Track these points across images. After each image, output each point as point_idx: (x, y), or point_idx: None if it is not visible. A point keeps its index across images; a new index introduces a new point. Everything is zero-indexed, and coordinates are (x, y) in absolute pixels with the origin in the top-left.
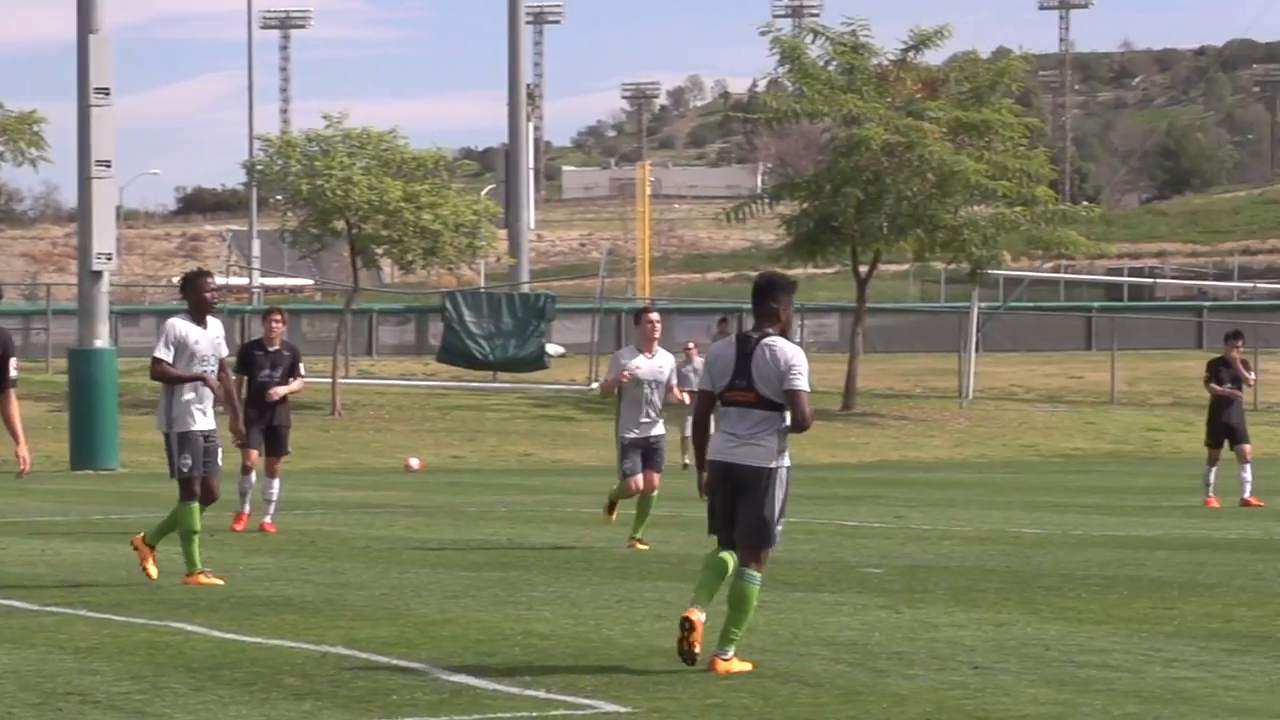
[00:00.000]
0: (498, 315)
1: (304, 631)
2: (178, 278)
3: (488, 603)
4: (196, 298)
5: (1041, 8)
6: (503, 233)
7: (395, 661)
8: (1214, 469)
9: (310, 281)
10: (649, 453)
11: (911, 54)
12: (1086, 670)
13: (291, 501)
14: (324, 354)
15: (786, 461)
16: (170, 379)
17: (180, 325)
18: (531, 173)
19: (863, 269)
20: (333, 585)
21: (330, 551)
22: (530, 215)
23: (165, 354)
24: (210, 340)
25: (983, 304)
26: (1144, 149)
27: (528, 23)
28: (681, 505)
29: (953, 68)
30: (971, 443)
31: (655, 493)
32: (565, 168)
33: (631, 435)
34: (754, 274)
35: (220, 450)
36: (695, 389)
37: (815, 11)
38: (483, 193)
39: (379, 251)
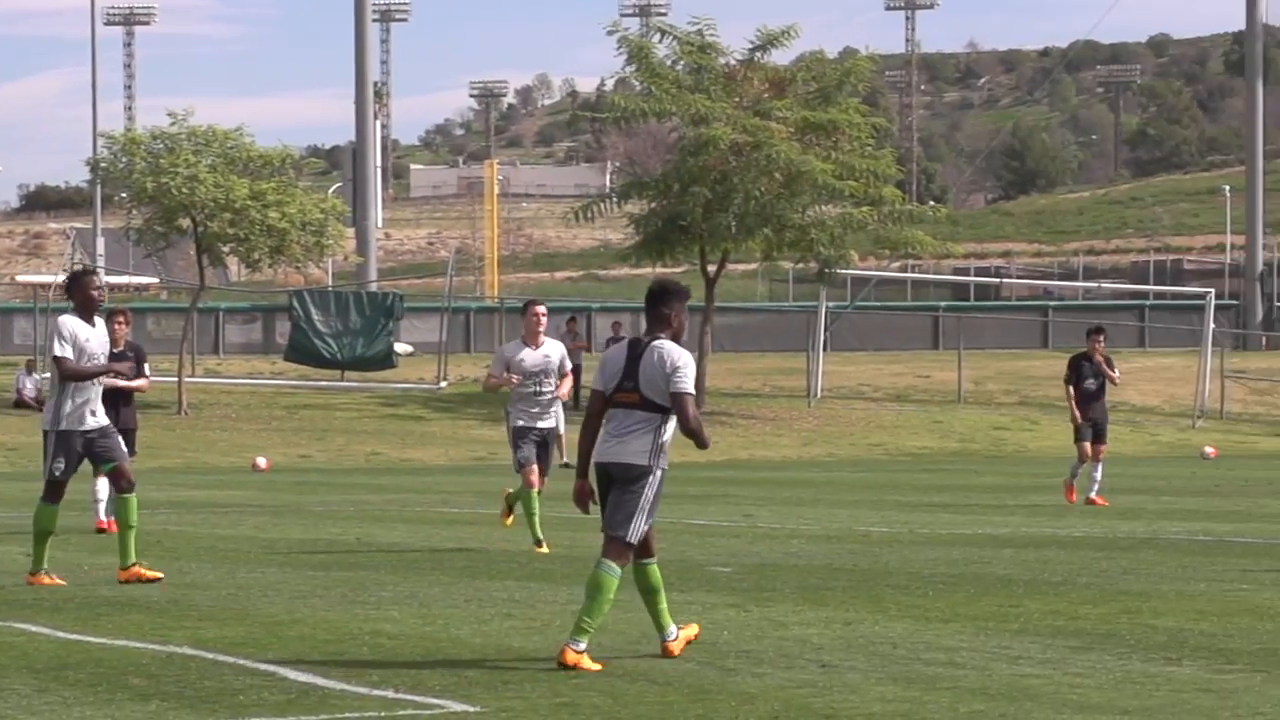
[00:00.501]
0: (345, 314)
1: (150, 632)
2: (63, 275)
3: (335, 602)
4: (83, 296)
5: (888, 8)
6: (350, 231)
7: (242, 662)
8: (1083, 466)
9: (156, 280)
10: (541, 445)
11: (759, 54)
12: (933, 668)
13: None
14: (170, 353)
15: (662, 464)
16: (84, 375)
17: (71, 323)
18: (379, 171)
19: (711, 268)
20: (179, 585)
21: (176, 551)
22: (378, 214)
23: (66, 350)
24: (99, 338)
25: (830, 303)
26: (989, 149)
27: (374, 20)
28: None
29: (800, 68)
30: (820, 442)
31: (537, 489)
32: (413, 166)
33: (521, 423)
34: (602, 273)
35: (113, 444)
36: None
37: (663, 11)
38: (330, 191)
39: (225, 250)
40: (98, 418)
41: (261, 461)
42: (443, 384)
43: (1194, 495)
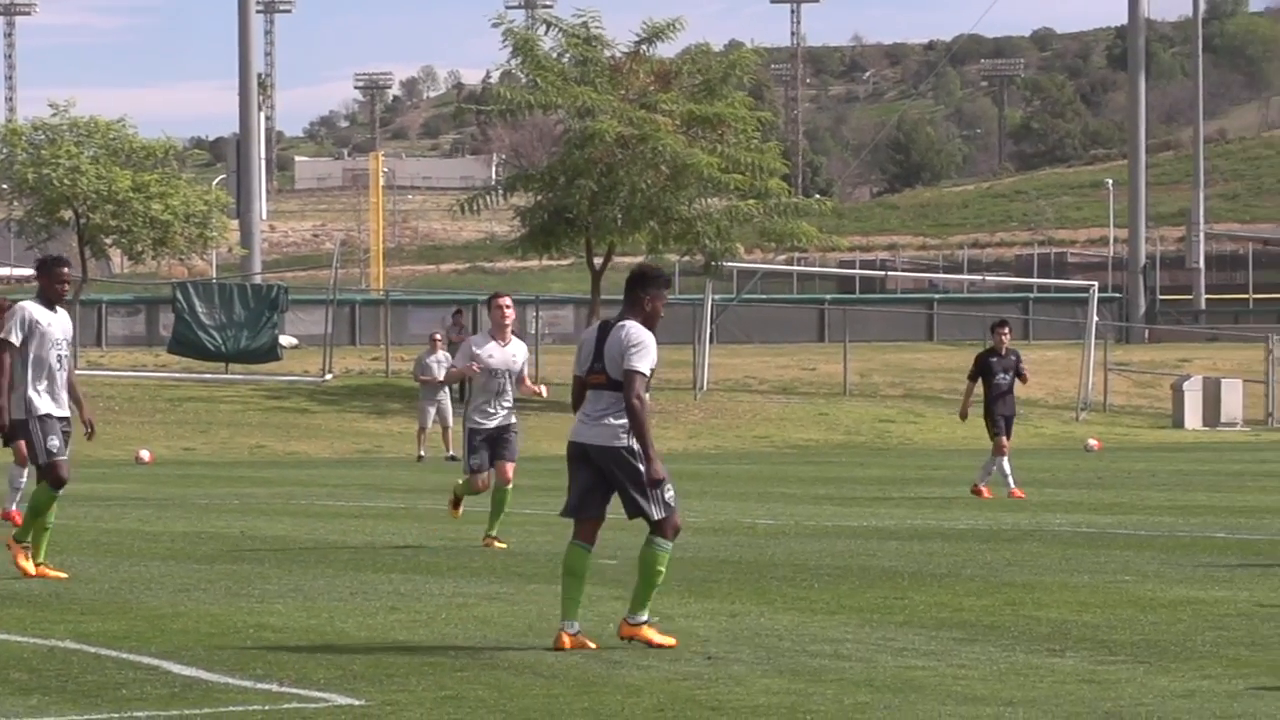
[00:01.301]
0: (230, 306)
1: (31, 626)
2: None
3: (220, 596)
4: (49, 283)
5: (773, 1)
6: (234, 223)
7: (125, 655)
8: (1002, 459)
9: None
10: (500, 443)
11: (644, 46)
12: (819, 660)
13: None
14: None
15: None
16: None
17: (32, 309)
18: (263, 163)
19: (597, 261)
20: (62, 579)
21: (58, 545)
22: (262, 206)
23: (15, 338)
24: (61, 325)
25: (716, 296)
26: (875, 142)
27: (258, 11)
28: (416, 497)
29: (685, 60)
30: (706, 434)
31: (510, 485)
32: (298, 158)
33: (480, 425)
34: (488, 266)
35: (69, 436)
36: (435, 378)
37: (548, 3)
38: (214, 183)
39: (108, 241)
40: (63, 406)
41: (145, 454)
42: (328, 376)
43: (1077, 487)
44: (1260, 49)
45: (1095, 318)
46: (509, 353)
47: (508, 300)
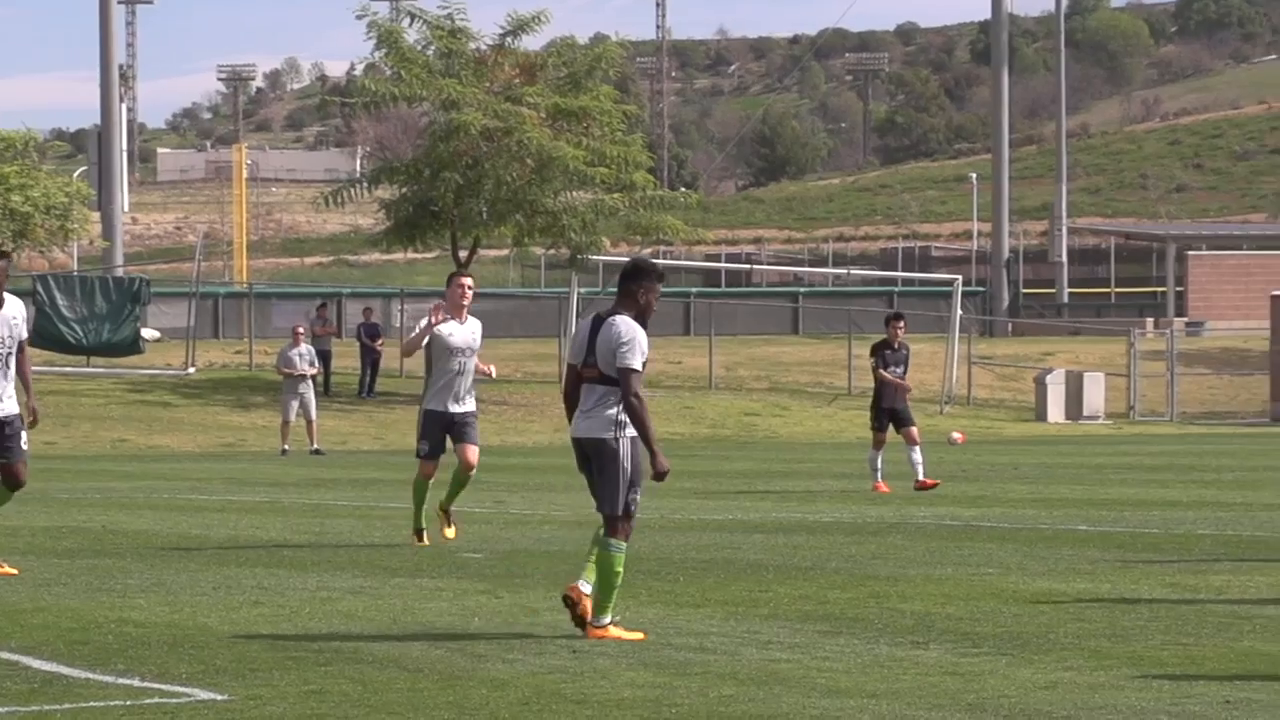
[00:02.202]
0: (91, 299)
1: None
2: None
3: (80, 590)
4: None
5: None
6: (95, 215)
7: None
8: (879, 454)
9: None
10: (461, 428)
11: (509, 39)
12: (684, 653)
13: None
14: None
15: (630, 432)
16: None
17: None
18: (125, 155)
19: (462, 254)
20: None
21: None
22: (124, 198)
23: None
24: (6, 320)
25: (582, 289)
26: (740, 136)
27: (120, 1)
28: (280, 491)
29: (551, 53)
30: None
31: (474, 471)
32: (160, 150)
33: (440, 410)
34: (353, 259)
35: (24, 434)
36: (298, 371)
37: None
38: (75, 175)
39: None
40: (5, 403)
41: None
42: (190, 370)
43: (941, 480)
44: (1122, 44)
45: (959, 311)
46: (468, 331)
47: (469, 280)
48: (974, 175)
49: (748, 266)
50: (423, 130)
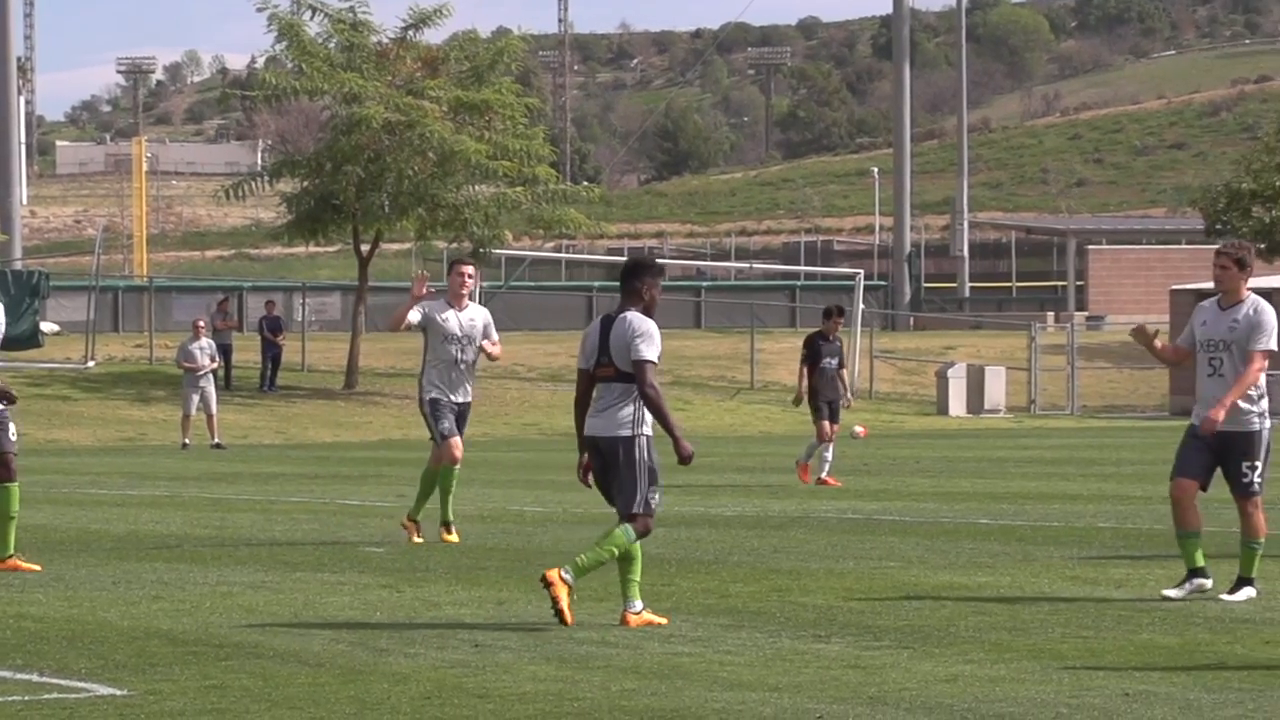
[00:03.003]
0: None
1: None
2: None
3: None
4: None
5: None
6: None
7: None
8: (822, 445)
9: None
10: (456, 418)
11: (411, 32)
12: (586, 647)
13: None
14: None
15: (647, 430)
16: None
17: None
18: (24, 148)
19: (365, 247)
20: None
21: None
22: (22, 191)
23: None
24: None
25: (485, 283)
26: (643, 130)
27: None
28: (181, 485)
29: (452, 47)
30: (474, 421)
31: (459, 465)
32: (59, 143)
33: (442, 397)
34: (254, 252)
35: (11, 426)
36: (195, 364)
37: None
38: None
39: None
40: None
41: None
42: (90, 363)
43: (843, 474)
44: (1022, 39)
45: (861, 305)
46: (467, 318)
47: (469, 268)
48: (876, 169)
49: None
50: (324, 124)
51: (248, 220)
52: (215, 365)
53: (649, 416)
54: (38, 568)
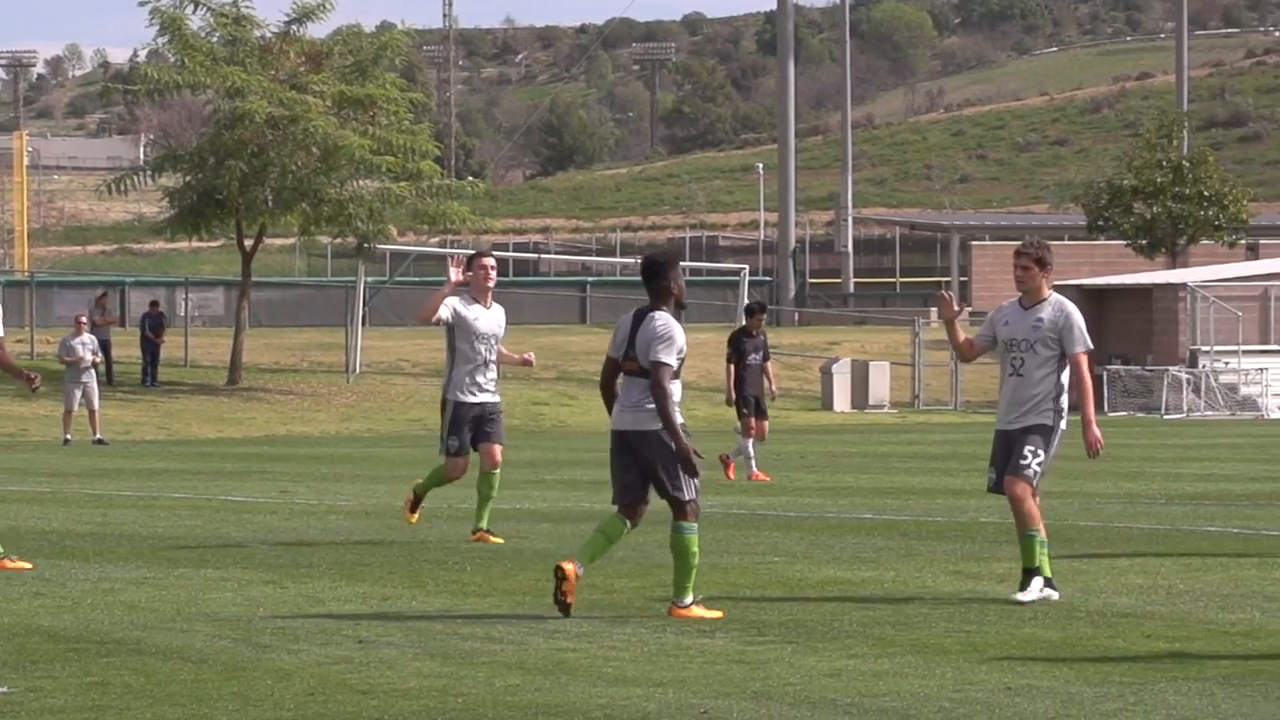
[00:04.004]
0: None
1: None
2: None
3: None
4: None
5: None
6: None
7: None
8: (750, 441)
9: None
10: (487, 422)
11: (295, 27)
12: (470, 643)
13: None
14: None
15: (680, 420)
16: None
17: None
18: None
19: (248, 242)
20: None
21: None
22: None
23: None
24: None
25: (369, 278)
26: (528, 125)
27: None
28: (62, 481)
29: (336, 41)
30: (358, 417)
31: (498, 470)
32: None
33: (464, 399)
34: (136, 247)
35: None
36: (77, 359)
37: None
38: None
39: None
40: None
41: None
42: None
43: (720, 469)
44: (906, 35)
45: (746, 301)
46: (494, 316)
47: (492, 260)
48: (760, 165)
49: (535, 256)
50: (207, 118)
51: (130, 215)
52: (98, 360)
53: (679, 407)
54: (29, 565)
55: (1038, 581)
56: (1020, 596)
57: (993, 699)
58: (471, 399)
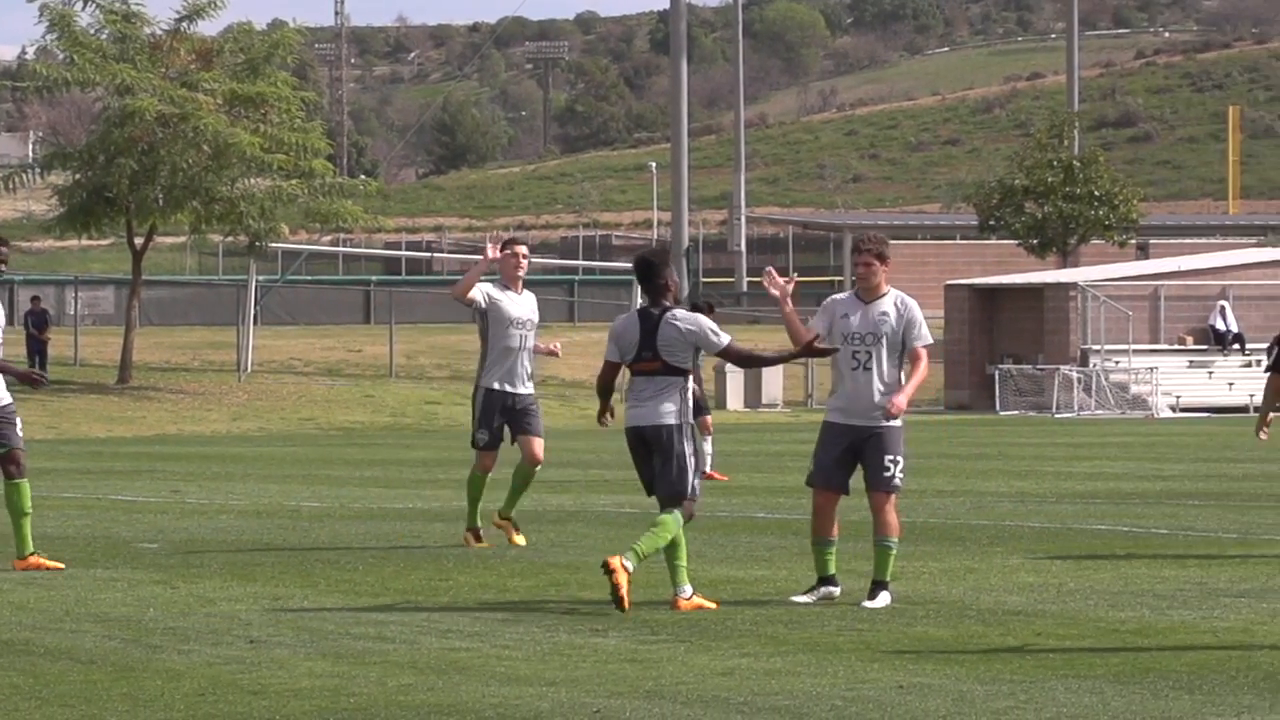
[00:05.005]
0: None
1: None
2: None
3: None
4: None
5: None
6: None
7: None
8: (704, 439)
9: None
10: (524, 415)
11: (185, 24)
12: (363, 642)
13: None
14: None
15: (689, 418)
16: None
17: None
18: None
19: (138, 241)
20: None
21: None
22: None
23: None
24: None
25: (261, 277)
26: (420, 124)
27: None
28: None
29: (227, 39)
30: (250, 416)
31: (539, 465)
32: None
33: (496, 387)
34: (25, 245)
35: (18, 421)
36: None
37: None
38: None
39: None
40: (2, 392)
41: None
42: None
43: (620, 468)
44: (799, 35)
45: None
46: (526, 303)
47: (524, 249)
48: (653, 164)
49: (428, 254)
50: (97, 116)
51: (18, 213)
52: None
53: (690, 407)
54: (60, 565)
55: (886, 594)
56: (869, 604)
57: (885, 697)
58: (504, 388)
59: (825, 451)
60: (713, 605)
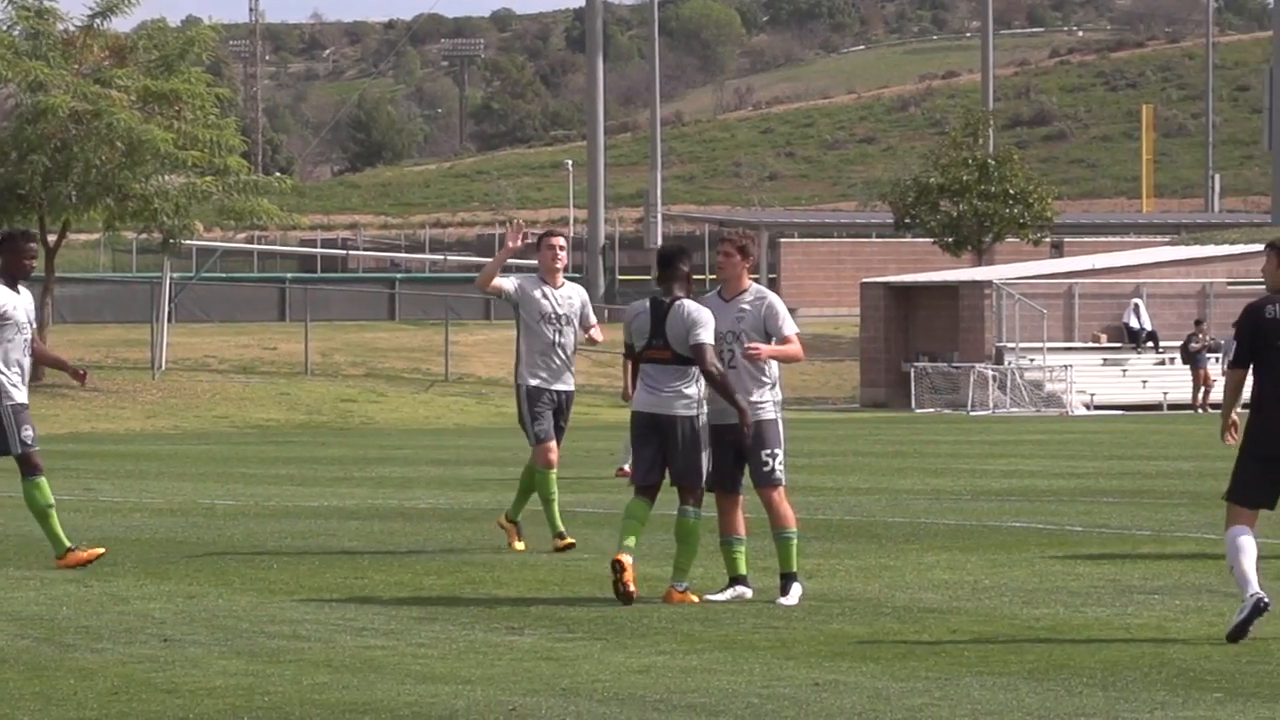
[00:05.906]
0: None
1: None
2: None
3: None
4: (17, 261)
5: None
6: None
7: None
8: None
9: None
10: (556, 414)
11: (99, 21)
12: (277, 640)
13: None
14: None
15: (702, 409)
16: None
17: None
18: None
19: (51, 238)
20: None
21: None
22: None
23: None
24: (25, 306)
25: (175, 274)
26: (335, 121)
27: None
28: None
29: (141, 36)
30: (164, 414)
31: (555, 470)
32: None
33: (533, 383)
34: None
35: (28, 419)
36: None
37: None
38: None
39: None
40: (23, 392)
41: None
42: None
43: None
44: (715, 33)
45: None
46: (564, 294)
47: (560, 240)
48: (570, 162)
49: (344, 252)
50: (8, 113)
51: None
52: None
53: (703, 395)
54: (101, 550)
55: (798, 586)
56: (783, 600)
57: (800, 695)
58: (543, 384)
59: (716, 454)
60: (695, 599)
